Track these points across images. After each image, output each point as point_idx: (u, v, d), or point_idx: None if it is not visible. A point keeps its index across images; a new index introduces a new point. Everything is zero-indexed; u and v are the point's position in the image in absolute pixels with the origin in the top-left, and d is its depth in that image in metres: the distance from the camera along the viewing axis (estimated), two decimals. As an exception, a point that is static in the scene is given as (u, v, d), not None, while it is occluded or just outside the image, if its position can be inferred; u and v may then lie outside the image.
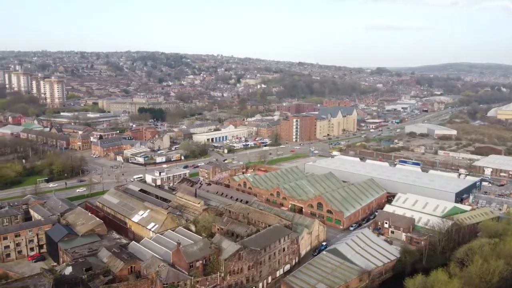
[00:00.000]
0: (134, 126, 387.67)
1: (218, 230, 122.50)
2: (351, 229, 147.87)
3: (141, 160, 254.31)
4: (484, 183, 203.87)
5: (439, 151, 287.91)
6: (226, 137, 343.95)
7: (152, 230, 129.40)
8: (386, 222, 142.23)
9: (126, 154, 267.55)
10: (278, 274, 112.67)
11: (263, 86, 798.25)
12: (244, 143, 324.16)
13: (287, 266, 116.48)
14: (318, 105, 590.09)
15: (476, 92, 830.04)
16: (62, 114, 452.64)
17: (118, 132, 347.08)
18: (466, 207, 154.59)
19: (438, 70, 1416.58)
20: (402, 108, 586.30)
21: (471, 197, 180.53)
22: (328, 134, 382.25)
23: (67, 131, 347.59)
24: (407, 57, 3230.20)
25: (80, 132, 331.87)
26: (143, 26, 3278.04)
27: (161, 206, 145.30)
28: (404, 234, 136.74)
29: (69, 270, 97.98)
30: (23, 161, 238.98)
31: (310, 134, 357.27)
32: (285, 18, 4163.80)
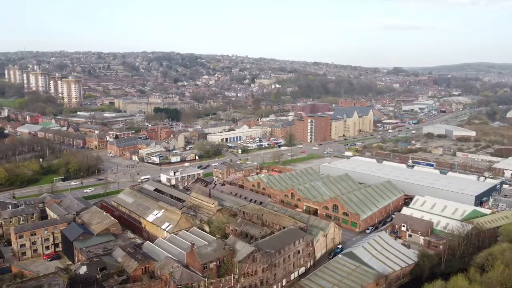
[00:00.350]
0: (149, 126, 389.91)
1: (232, 231, 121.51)
2: (367, 232, 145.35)
3: (156, 159, 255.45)
4: (504, 186, 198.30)
5: (458, 153, 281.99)
6: (240, 137, 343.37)
7: (166, 230, 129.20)
8: (403, 225, 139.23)
9: (142, 153, 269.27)
10: (292, 277, 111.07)
11: (278, 86, 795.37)
12: (258, 144, 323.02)
13: (302, 269, 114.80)
14: (333, 105, 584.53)
15: (495, 92, 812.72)
16: (79, 113, 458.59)
17: (133, 131, 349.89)
18: (486, 211, 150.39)
19: (456, 70, 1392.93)
20: (419, 108, 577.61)
21: (491, 200, 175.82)
22: (343, 135, 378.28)
23: (84, 131, 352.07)
24: (424, 56, 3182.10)
25: (96, 131, 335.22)
26: (159, 27, 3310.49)
27: (175, 206, 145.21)
28: (422, 237, 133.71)
29: (83, 270, 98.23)
30: (40, 160, 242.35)
31: (325, 134, 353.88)
32: (300, 18, 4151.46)
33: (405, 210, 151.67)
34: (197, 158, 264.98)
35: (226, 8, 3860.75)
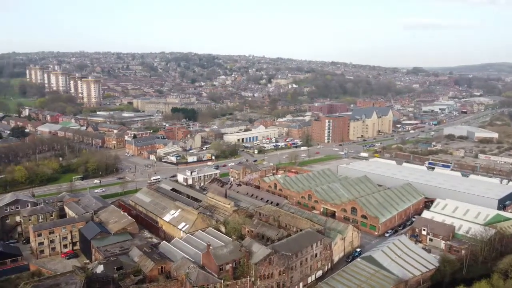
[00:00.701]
0: (167, 125, 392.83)
1: (248, 232, 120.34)
2: (387, 235, 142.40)
3: (173, 159, 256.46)
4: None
5: (480, 155, 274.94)
6: (256, 137, 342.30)
7: (182, 230, 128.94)
8: (424, 229, 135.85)
9: (159, 153, 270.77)
10: (309, 280, 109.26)
11: (294, 86, 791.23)
12: (274, 144, 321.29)
13: (319, 272, 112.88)
14: (352, 105, 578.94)
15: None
16: (98, 113, 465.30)
17: (151, 131, 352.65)
18: (510, 215, 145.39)
19: (477, 70, 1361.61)
20: (440, 109, 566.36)
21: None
22: (362, 136, 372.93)
23: (103, 130, 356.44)
24: (445, 56, 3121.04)
25: (115, 131, 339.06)
26: (178, 28, 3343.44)
27: (192, 206, 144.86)
28: (443, 242, 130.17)
29: (100, 269, 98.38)
30: (60, 158, 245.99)
31: (343, 135, 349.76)
32: (318, 18, 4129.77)
33: (425, 214, 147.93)
34: (213, 158, 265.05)
35: (244, 8, 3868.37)
